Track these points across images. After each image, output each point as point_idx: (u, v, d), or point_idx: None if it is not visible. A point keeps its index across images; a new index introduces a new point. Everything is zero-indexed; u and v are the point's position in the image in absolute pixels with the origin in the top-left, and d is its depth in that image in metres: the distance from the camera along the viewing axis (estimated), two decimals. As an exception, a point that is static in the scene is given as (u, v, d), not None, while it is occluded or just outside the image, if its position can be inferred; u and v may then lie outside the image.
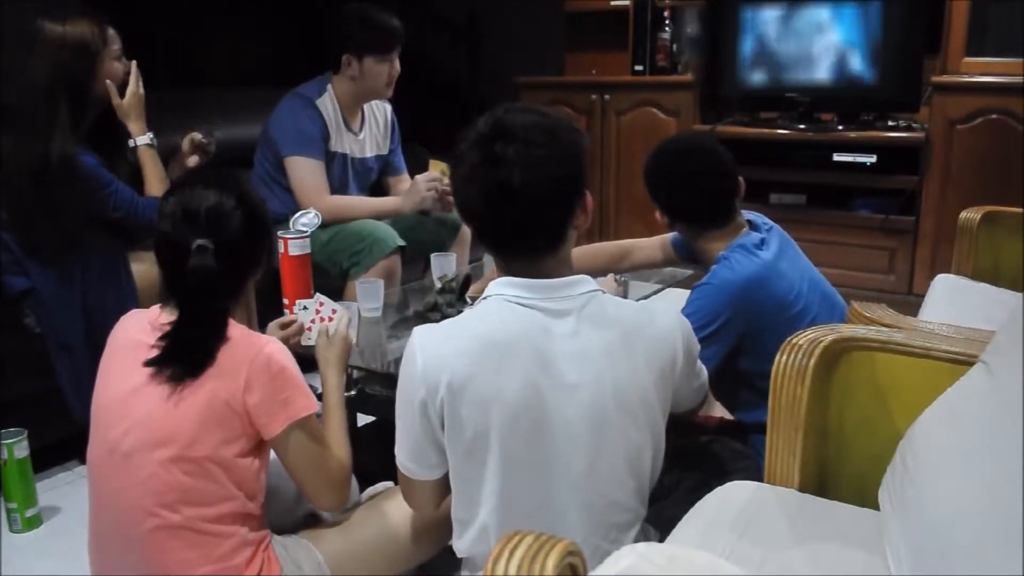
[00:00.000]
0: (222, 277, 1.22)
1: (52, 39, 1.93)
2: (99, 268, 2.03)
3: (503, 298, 1.16)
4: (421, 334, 1.17)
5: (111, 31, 2.03)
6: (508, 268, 1.19)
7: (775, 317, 1.57)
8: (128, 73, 2.08)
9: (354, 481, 1.52)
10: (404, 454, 1.22)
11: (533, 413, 1.12)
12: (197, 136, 2.27)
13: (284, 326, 1.59)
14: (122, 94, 2.08)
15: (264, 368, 1.21)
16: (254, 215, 1.29)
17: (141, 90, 2.09)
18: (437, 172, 2.65)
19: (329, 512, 1.38)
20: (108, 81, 2.03)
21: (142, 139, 2.10)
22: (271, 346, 1.24)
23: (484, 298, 1.19)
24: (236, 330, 1.26)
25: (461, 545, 1.23)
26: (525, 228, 1.15)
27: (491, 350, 1.12)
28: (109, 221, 2.04)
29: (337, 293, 2.42)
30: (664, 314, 1.23)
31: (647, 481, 1.22)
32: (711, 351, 1.57)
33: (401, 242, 2.50)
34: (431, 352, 1.14)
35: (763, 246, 1.64)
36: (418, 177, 2.53)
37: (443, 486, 1.24)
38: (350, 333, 1.70)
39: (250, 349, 1.22)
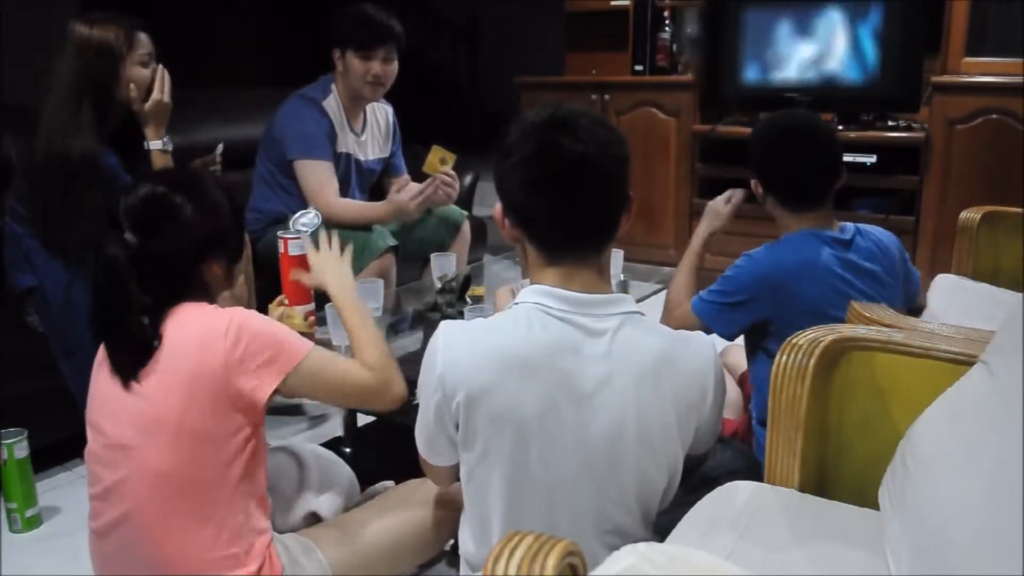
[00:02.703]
0: (143, 269, 1.23)
1: (79, 41, 1.97)
2: None
3: (538, 307, 1.12)
4: (446, 333, 1.13)
5: (142, 36, 2.05)
6: (552, 261, 1.15)
7: (804, 315, 1.54)
8: (155, 79, 2.09)
9: (355, 481, 1.53)
10: (421, 441, 1.22)
11: (548, 431, 1.10)
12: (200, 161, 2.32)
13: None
14: (147, 100, 2.09)
15: (236, 337, 1.21)
16: (198, 215, 1.29)
17: (167, 98, 2.10)
18: (442, 166, 2.63)
19: (390, 408, 1.37)
20: (132, 84, 2.04)
21: (155, 143, 2.12)
22: (237, 315, 1.24)
23: (518, 302, 1.16)
24: (202, 310, 1.27)
25: (465, 546, 1.23)
26: (587, 208, 1.12)
27: (514, 363, 1.09)
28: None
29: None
30: (700, 348, 1.18)
31: (654, 510, 1.20)
32: (731, 317, 1.62)
33: (393, 242, 2.49)
34: (452, 357, 1.11)
35: (835, 245, 1.64)
36: (400, 196, 2.47)
37: (458, 469, 1.23)
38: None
39: (219, 323, 1.23)
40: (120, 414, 1.23)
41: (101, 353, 1.30)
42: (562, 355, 1.10)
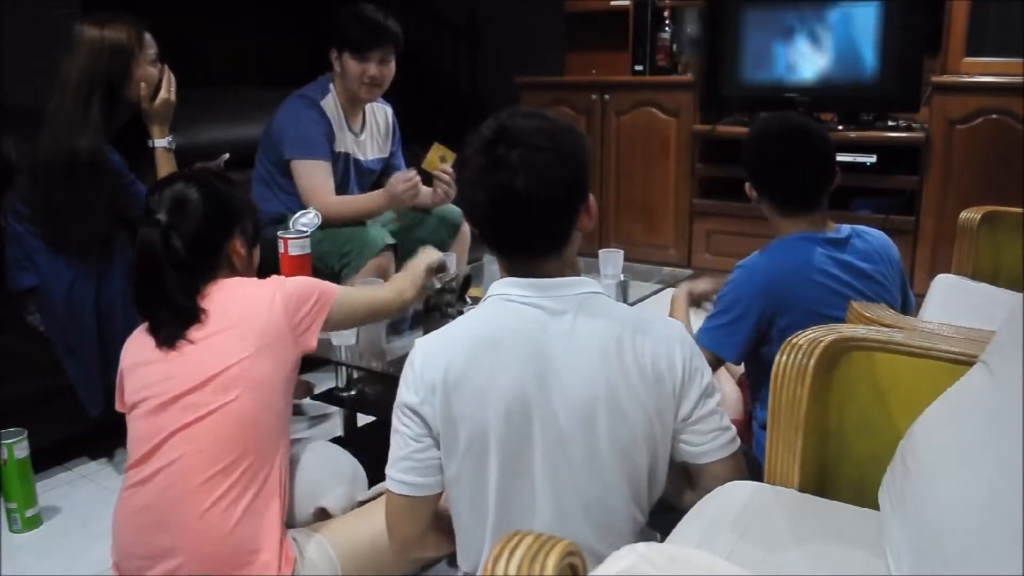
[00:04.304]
0: (174, 247, 1.39)
1: (90, 41, 1.99)
2: (118, 266, 2.05)
3: (503, 297, 1.17)
4: (420, 342, 1.19)
5: (148, 36, 2.08)
6: (511, 269, 1.20)
7: (801, 317, 1.55)
8: (163, 78, 2.11)
9: (361, 473, 1.54)
10: (403, 470, 1.19)
11: (526, 410, 1.12)
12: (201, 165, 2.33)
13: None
14: (155, 98, 2.11)
15: (287, 294, 1.43)
16: (217, 200, 1.46)
17: (173, 97, 2.13)
18: (441, 163, 2.62)
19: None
20: (143, 84, 2.06)
21: (160, 141, 2.14)
22: (276, 279, 1.48)
23: (485, 298, 1.20)
24: (247, 281, 1.47)
25: (467, 560, 1.23)
26: (528, 231, 1.16)
27: (486, 347, 1.13)
28: (127, 219, 2.07)
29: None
30: (662, 321, 1.22)
31: (644, 488, 1.20)
32: (735, 336, 1.61)
33: (391, 240, 2.49)
34: (429, 354, 1.16)
35: (829, 246, 1.63)
36: (395, 176, 2.48)
37: (436, 508, 1.23)
38: (347, 334, 1.76)
39: (267, 288, 1.44)
40: (177, 375, 1.32)
41: (138, 332, 1.41)
42: (530, 334, 1.14)
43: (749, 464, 1.55)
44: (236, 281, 1.45)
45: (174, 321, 1.37)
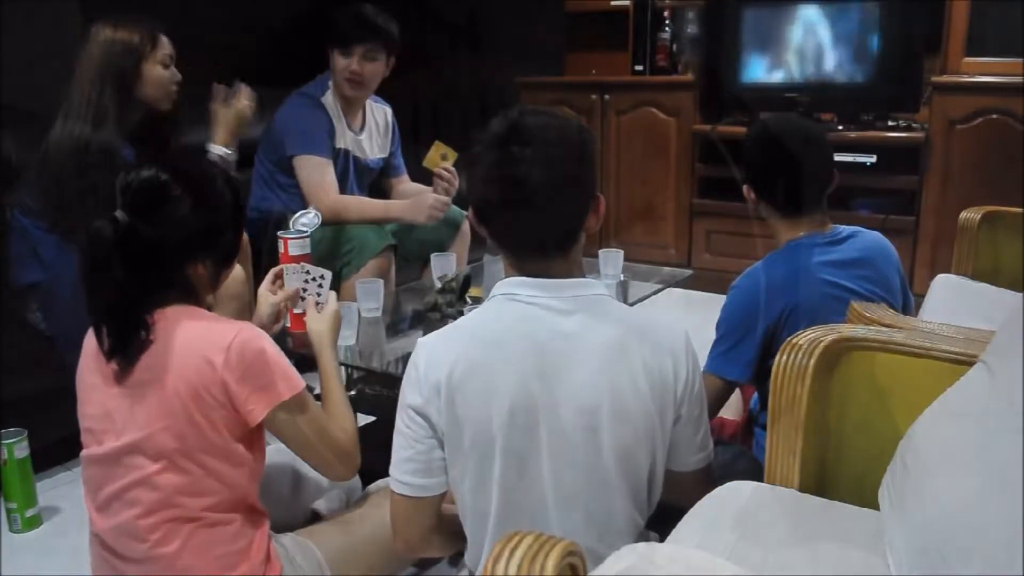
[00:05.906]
0: (131, 250, 1.18)
1: (102, 38, 2.03)
2: None
3: (508, 296, 1.17)
4: (422, 343, 1.18)
5: (163, 38, 2.11)
6: (519, 267, 1.19)
7: (801, 324, 1.53)
8: (176, 81, 2.14)
9: (356, 479, 1.52)
10: (407, 471, 1.19)
11: (531, 410, 1.12)
12: None
13: (277, 277, 1.62)
14: (167, 102, 2.13)
15: (239, 355, 1.18)
16: (205, 202, 1.24)
17: (248, 112, 2.23)
18: (442, 162, 2.62)
19: (341, 481, 1.39)
20: (152, 85, 2.08)
21: (217, 149, 2.22)
22: (245, 331, 1.21)
23: (490, 298, 1.20)
24: (206, 319, 1.24)
25: (472, 559, 1.23)
26: (540, 227, 1.15)
27: (490, 346, 1.13)
28: None
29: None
30: (668, 327, 1.21)
31: (643, 489, 1.20)
32: (739, 356, 1.60)
33: (391, 241, 2.49)
34: (433, 354, 1.15)
35: (824, 249, 1.63)
36: (429, 194, 2.51)
37: (441, 508, 1.23)
38: (347, 334, 1.73)
39: (224, 336, 1.19)
40: (118, 422, 1.22)
41: (88, 353, 1.28)
42: (536, 334, 1.13)
43: (749, 464, 1.55)
44: (186, 314, 1.23)
45: (117, 333, 1.20)
